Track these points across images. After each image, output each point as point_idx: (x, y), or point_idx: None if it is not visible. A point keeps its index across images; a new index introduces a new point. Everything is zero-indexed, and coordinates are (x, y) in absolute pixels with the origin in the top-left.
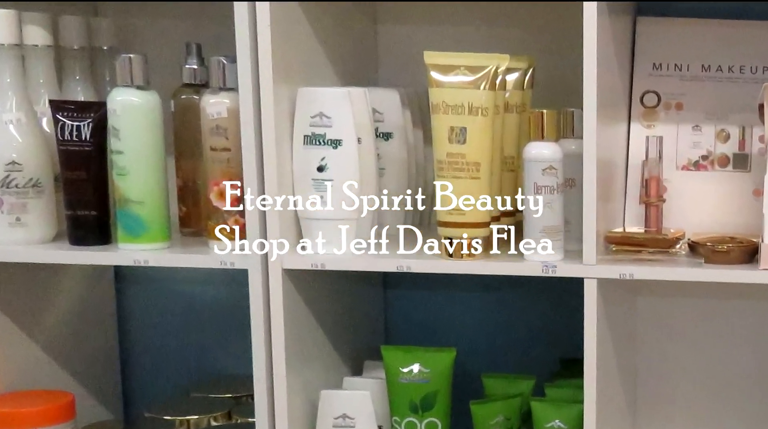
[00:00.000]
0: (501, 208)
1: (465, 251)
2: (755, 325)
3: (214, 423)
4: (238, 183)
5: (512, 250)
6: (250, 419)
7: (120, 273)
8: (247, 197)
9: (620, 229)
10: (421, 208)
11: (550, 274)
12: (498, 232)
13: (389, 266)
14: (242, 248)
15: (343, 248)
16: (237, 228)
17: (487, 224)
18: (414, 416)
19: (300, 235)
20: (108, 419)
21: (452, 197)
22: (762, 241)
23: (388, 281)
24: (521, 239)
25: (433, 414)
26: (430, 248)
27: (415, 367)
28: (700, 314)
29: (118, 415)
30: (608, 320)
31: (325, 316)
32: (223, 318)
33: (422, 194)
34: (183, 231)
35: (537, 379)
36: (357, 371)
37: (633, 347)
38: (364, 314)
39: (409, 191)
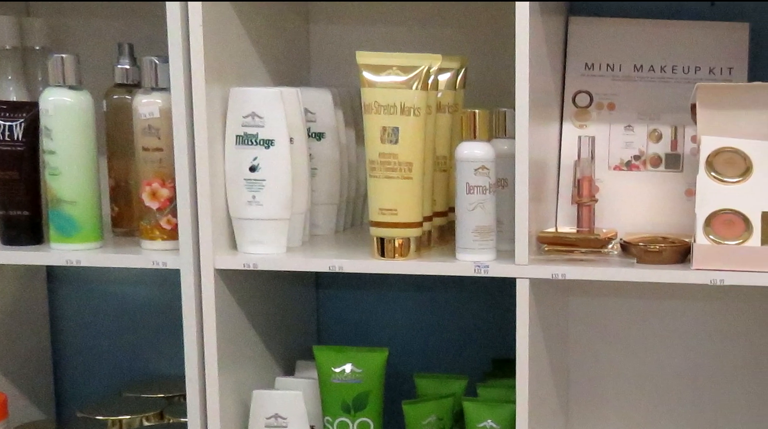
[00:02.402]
0: (433, 209)
1: (397, 251)
2: (687, 325)
3: (146, 423)
4: (171, 183)
5: (445, 250)
6: (182, 419)
7: (52, 273)
8: (180, 197)
9: (552, 229)
10: (353, 208)
11: (483, 274)
12: (430, 233)
13: (321, 266)
14: (174, 248)
15: (276, 248)
16: (169, 228)
17: (419, 224)
18: (346, 416)
19: (232, 235)
20: (40, 419)
21: (384, 197)
22: (694, 241)
23: (320, 281)
24: (454, 239)
25: (366, 414)
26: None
27: (348, 367)
28: (632, 314)
29: (51, 415)
30: (540, 320)
31: (257, 316)
32: (156, 318)
33: (354, 194)
34: (115, 231)
35: (469, 379)
36: (289, 371)
37: (565, 347)
38: (297, 314)
39: (341, 191)
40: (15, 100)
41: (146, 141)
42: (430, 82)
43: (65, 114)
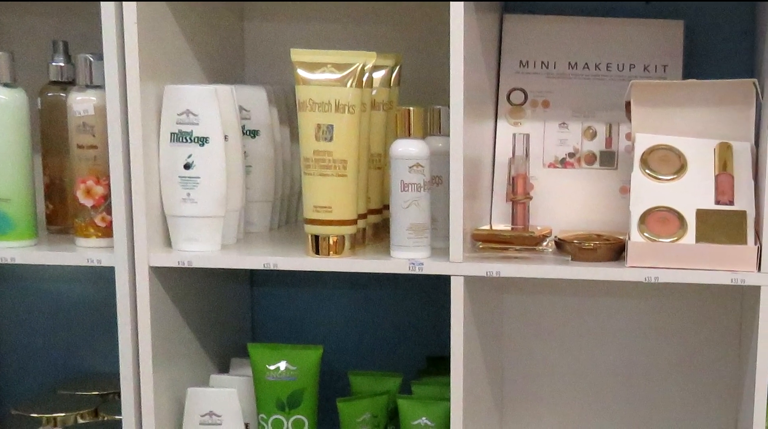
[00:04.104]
0: (368, 206)
1: (332, 249)
2: (622, 322)
3: (80, 420)
4: (105, 180)
5: (379, 248)
6: (117, 417)
7: None
8: (114, 195)
9: (487, 227)
10: (287, 205)
11: (417, 272)
12: (365, 230)
13: (256, 263)
14: (109, 246)
15: (210, 246)
16: (104, 226)
17: (353, 222)
18: (281, 414)
19: (167, 233)
20: None
21: (319, 195)
22: (628, 238)
23: (254, 279)
24: (388, 237)
25: (300, 411)
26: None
27: (282, 365)
28: (566, 312)
29: None
30: (475, 318)
31: (192, 313)
32: (91, 316)
33: (289, 192)
34: (50, 228)
35: (404, 376)
36: (224, 369)
37: (500, 345)
38: (231, 312)
39: (275, 189)
40: None
41: (81, 138)
42: (364, 79)
43: None
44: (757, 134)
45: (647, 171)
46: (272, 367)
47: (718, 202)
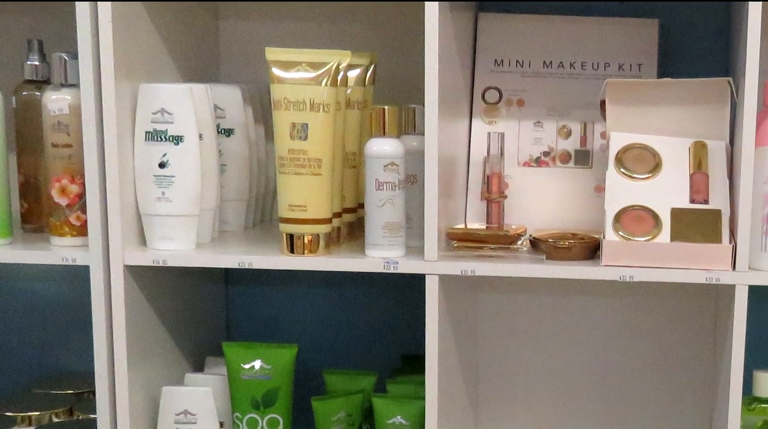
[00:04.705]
0: (342, 205)
1: (306, 247)
2: (596, 321)
3: (55, 419)
4: (80, 179)
5: (354, 247)
6: (91, 415)
7: None
8: (89, 194)
9: (462, 226)
10: (262, 204)
11: (392, 271)
12: (340, 229)
13: (230, 262)
14: (84, 245)
15: (185, 244)
16: (78, 224)
17: (328, 220)
18: (255, 412)
19: (142, 232)
20: None
21: (294, 193)
22: (603, 237)
23: (229, 277)
24: (363, 236)
25: (275, 410)
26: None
27: (257, 364)
28: (541, 310)
29: None
30: (450, 316)
31: (166, 312)
32: (65, 314)
33: (264, 191)
34: (25, 227)
35: (379, 375)
36: (198, 368)
37: (474, 343)
38: (206, 310)
39: (250, 187)
40: None
41: (56, 137)
42: (339, 78)
43: None
44: (731, 133)
45: (622, 170)
46: (247, 366)
47: (692, 201)
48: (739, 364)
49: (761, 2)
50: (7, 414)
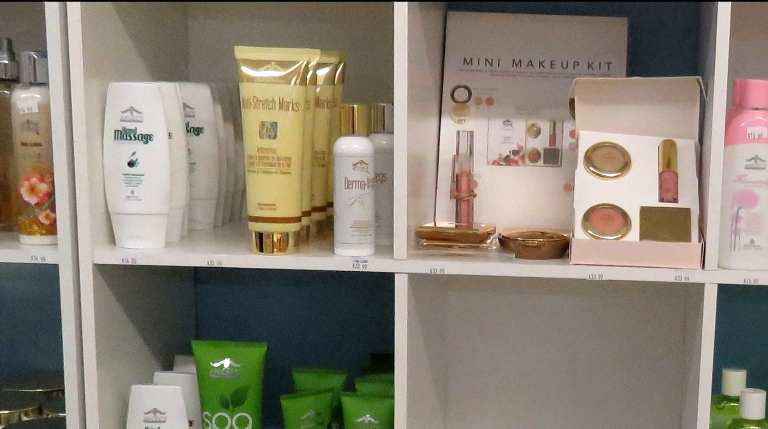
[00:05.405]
0: (312, 204)
1: (276, 246)
2: (566, 320)
3: (24, 418)
4: (49, 178)
5: (323, 245)
6: (60, 414)
7: None
8: (58, 192)
9: (431, 224)
10: (231, 203)
11: (361, 269)
12: (309, 228)
13: (200, 261)
14: (53, 243)
15: (154, 243)
16: (48, 223)
17: (297, 219)
18: (225, 411)
19: (111, 230)
20: None
21: (263, 192)
22: (572, 235)
23: (199, 276)
24: (332, 234)
25: (244, 409)
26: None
27: (226, 362)
28: (510, 309)
29: None
30: (419, 315)
31: (136, 311)
32: (34, 313)
33: (233, 189)
34: None
35: (348, 374)
36: (168, 366)
37: (444, 342)
38: (175, 309)
39: (219, 186)
40: None
41: (25, 136)
42: (308, 77)
43: None
44: (701, 131)
45: (591, 168)
46: (216, 365)
47: (662, 200)
48: (709, 363)
49: (730, 2)
50: None
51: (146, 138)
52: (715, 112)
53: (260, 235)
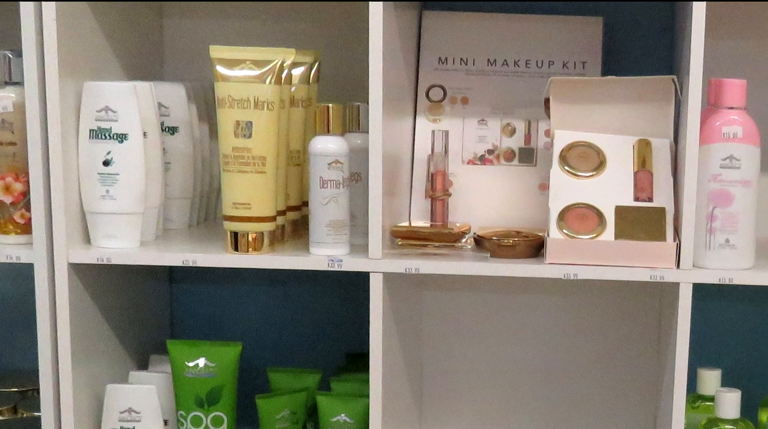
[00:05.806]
0: (287, 203)
1: (251, 245)
2: (541, 319)
3: None
4: (24, 177)
5: (298, 245)
6: (35, 413)
7: None
8: (33, 192)
9: (406, 224)
10: (206, 202)
11: (336, 269)
12: (284, 227)
13: (175, 260)
14: (28, 243)
15: (129, 242)
16: (23, 222)
17: (272, 218)
18: (200, 410)
19: (86, 230)
20: None
21: (238, 191)
22: (547, 235)
23: (174, 275)
24: (307, 234)
25: (219, 408)
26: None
27: (201, 362)
28: (485, 308)
29: None
30: (394, 314)
31: (111, 310)
32: (9, 312)
33: (208, 189)
34: None
35: (323, 373)
36: (143, 365)
37: (419, 341)
38: (150, 308)
39: (194, 185)
40: None
41: (0, 135)
42: (283, 76)
43: None
44: (676, 131)
45: (566, 168)
46: (191, 364)
47: (637, 199)
48: (684, 362)
49: (705, 1)
50: None
51: (121, 137)
52: (690, 112)
53: (235, 235)
